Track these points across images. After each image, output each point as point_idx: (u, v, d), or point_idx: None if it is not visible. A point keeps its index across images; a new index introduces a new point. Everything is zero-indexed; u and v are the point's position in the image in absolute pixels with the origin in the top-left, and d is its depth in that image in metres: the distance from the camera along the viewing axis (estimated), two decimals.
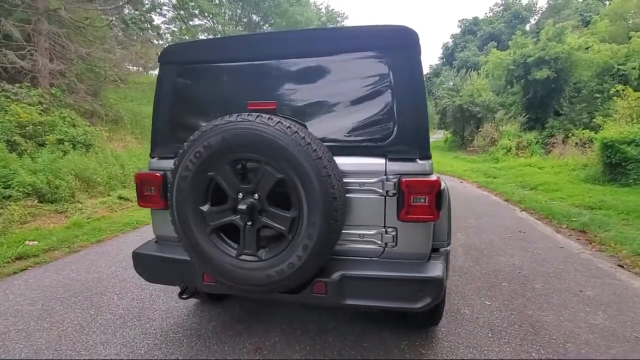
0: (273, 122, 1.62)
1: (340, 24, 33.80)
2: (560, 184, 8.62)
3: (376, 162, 1.88)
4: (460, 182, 10.61)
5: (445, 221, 2.14)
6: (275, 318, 2.78)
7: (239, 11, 27.29)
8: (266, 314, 2.84)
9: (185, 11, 21.28)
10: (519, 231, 5.22)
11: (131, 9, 13.90)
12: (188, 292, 2.48)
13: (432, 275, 1.79)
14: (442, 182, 1.89)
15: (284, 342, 2.49)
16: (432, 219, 1.84)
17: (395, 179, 1.83)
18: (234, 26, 25.55)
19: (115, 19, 12.09)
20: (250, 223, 1.75)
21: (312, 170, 1.61)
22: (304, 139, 1.62)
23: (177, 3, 19.43)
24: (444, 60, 41.97)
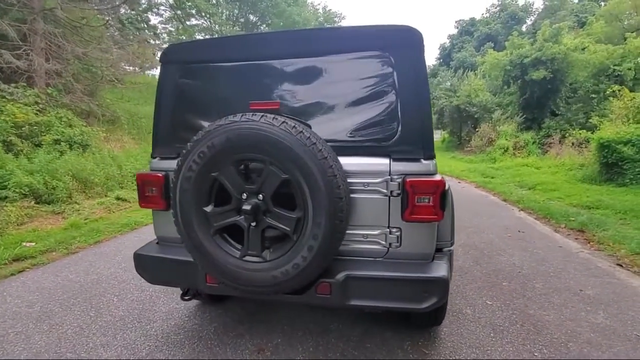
0: (278, 122, 1.61)
1: (338, 24, 33.81)
2: (558, 184, 8.67)
3: (380, 162, 1.87)
4: (459, 182, 10.64)
5: (448, 221, 2.14)
6: (276, 319, 2.76)
7: (236, 11, 27.24)
8: (267, 315, 2.82)
9: (182, 11, 21.19)
10: (518, 231, 5.24)
11: (127, 8, 13.83)
12: (190, 294, 2.46)
13: (437, 276, 1.79)
14: (446, 182, 1.89)
15: (286, 343, 2.47)
16: (436, 219, 1.83)
17: (400, 179, 1.83)
18: (231, 26, 25.49)
19: (111, 18, 12.02)
20: (254, 224, 1.74)
21: (318, 170, 1.60)
22: (309, 138, 1.61)
23: (174, 3, 19.33)
24: (441, 60, 42.09)
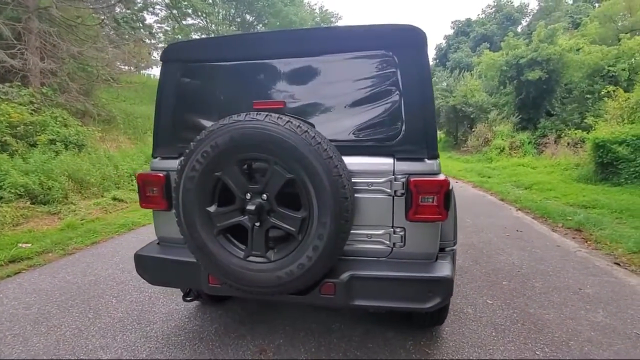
0: (283, 122, 1.60)
1: (334, 24, 33.82)
2: (554, 184, 8.74)
3: (384, 162, 1.86)
4: (456, 182, 10.68)
5: (451, 221, 2.14)
6: (278, 319, 2.75)
7: (232, 11, 27.13)
8: (269, 316, 2.81)
9: (178, 10, 21.08)
10: (516, 230, 5.26)
11: (123, 7, 13.73)
12: (192, 295, 2.44)
13: (442, 275, 1.79)
14: (450, 182, 1.88)
15: (288, 344, 2.46)
16: (440, 218, 1.83)
17: (404, 179, 1.82)
18: (227, 26, 25.40)
19: (106, 17, 11.92)
20: (258, 224, 1.73)
21: (323, 170, 1.59)
22: (314, 138, 1.60)
23: (170, 2, 19.23)
24: (437, 61, 42.23)
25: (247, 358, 2.32)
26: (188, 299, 2.44)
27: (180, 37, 20.62)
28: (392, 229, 1.89)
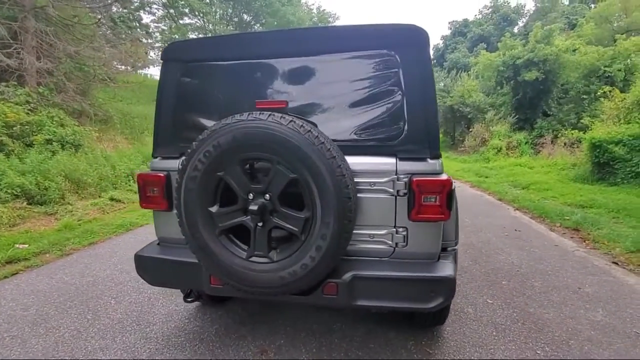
0: (286, 121, 1.59)
1: (332, 24, 33.80)
2: (551, 183, 8.78)
3: (387, 162, 1.86)
4: (454, 182, 10.70)
5: (453, 220, 2.14)
6: (279, 320, 2.74)
7: (229, 10, 27.06)
8: (269, 316, 2.80)
9: (175, 10, 21.00)
10: (515, 230, 5.28)
11: (119, 7, 13.66)
12: (193, 296, 2.42)
13: (444, 275, 1.79)
14: (452, 182, 1.89)
15: (290, 344, 2.45)
16: (443, 218, 1.83)
17: (406, 179, 1.82)
18: (224, 25, 25.33)
19: (103, 17, 11.86)
20: (261, 224, 1.72)
21: (326, 169, 1.58)
22: (318, 138, 1.60)
23: (167, 1, 19.16)
24: (435, 61, 42.30)
25: (248, 358, 2.31)
26: (189, 300, 2.43)
27: (177, 37, 20.54)
28: (394, 229, 1.89)
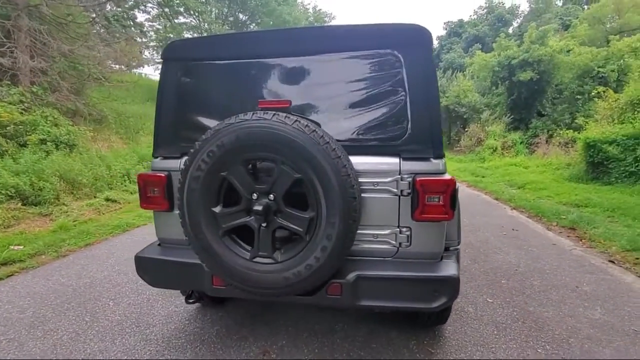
0: (291, 121, 1.58)
1: (328, 24, 33.78)
2: (546, 183, 8.86)
3: (390, 162, 1.86)
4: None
5: (455, 220, 2.14)
6: (280, 320, 2.73)
7: (225, 10, 26.90)
8: (271, 317, 2.79)
9: (170, 9, 20.86)
10: (512, 229, 5.32)
11: (114, 5, 13.54)
12: (195, 297, 2.40)
13: (448, 275, 1.79)
14: (456, 181, 1.89)
15: (291, 345, 2.44)
16: (446, 218, 1.83)
17: (410, 179, 1.82)
18: (220, 25, 25.18)
19: (97, 15, 11.74)
20: (265, 224, 1.71)
21: (332, 169, 1.58)
22: (323, 137, 1.59)
23: (162, 0, 19.03)
24: None
25: (250, 359, 2.30)
26: (190, 301, 2.40)
27: (172, 36, 20.39)
28: (398, 229, 1.89)
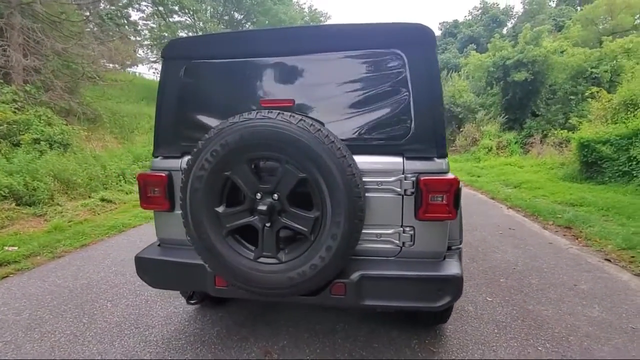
0: (295, 120, 1.57)
1: (323, 23, 33.76)
2: (541, 182, 8.94)
3: (394, 161, 1.86)
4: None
5: (457, 219, 2.15)
6: (281, 321, 2.72)
7: (220, 8, 26.75)
8: (271, 317, 2.77)
9: (164, 7, 20.72)
10: (509, 228, 5.35)
11: (107, 4, 13.40)
12: (196, 298, 2.38)
13: (452, 274, 1.79)
14: (459, 181, 1.89)
15: (293, 345, 2.43)
16: (450, 217, 1.84)
17: (414, 178, 1.82)
18: (215, 24, 25.04)
19: (91, 14, 11.61)
20: (269, 224, 1.70)
21: (337, 169, 1.57)
22: (327, 137, 1.58)
23: None
24: None
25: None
26: (192, 302, 2.38)
27: (166, 35, 20.25)
28: (401, 228, 1.89)
